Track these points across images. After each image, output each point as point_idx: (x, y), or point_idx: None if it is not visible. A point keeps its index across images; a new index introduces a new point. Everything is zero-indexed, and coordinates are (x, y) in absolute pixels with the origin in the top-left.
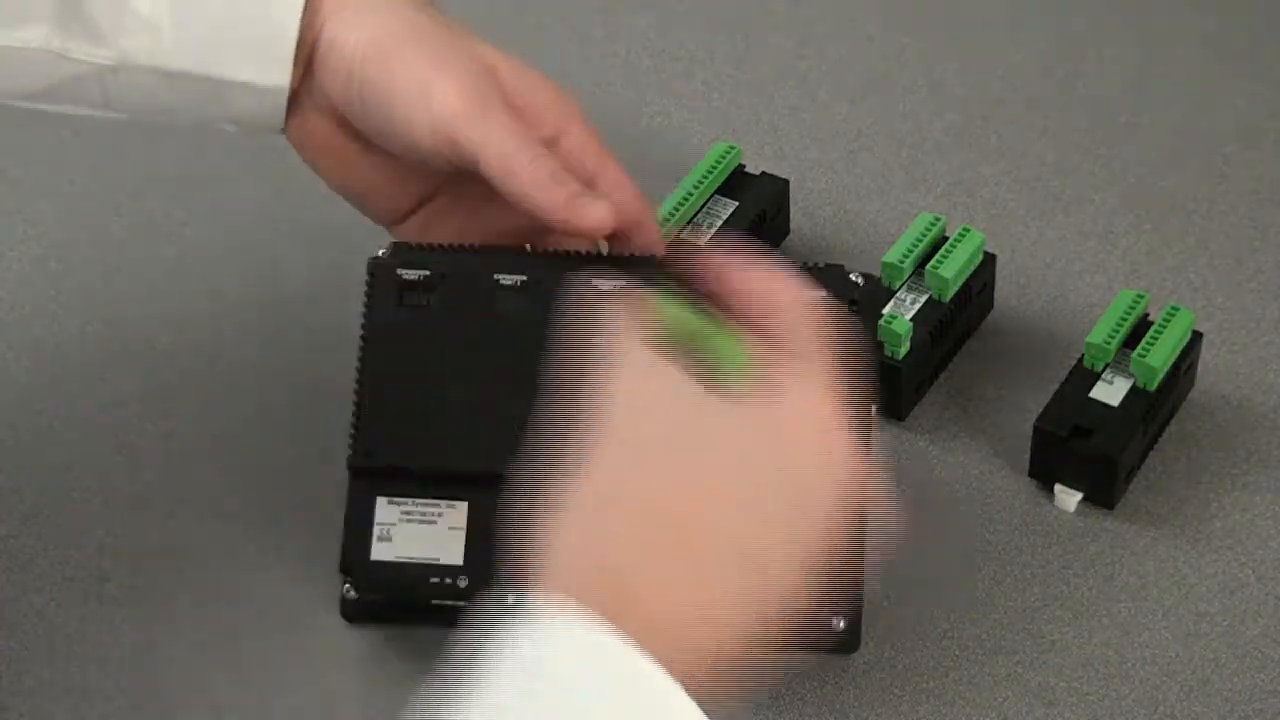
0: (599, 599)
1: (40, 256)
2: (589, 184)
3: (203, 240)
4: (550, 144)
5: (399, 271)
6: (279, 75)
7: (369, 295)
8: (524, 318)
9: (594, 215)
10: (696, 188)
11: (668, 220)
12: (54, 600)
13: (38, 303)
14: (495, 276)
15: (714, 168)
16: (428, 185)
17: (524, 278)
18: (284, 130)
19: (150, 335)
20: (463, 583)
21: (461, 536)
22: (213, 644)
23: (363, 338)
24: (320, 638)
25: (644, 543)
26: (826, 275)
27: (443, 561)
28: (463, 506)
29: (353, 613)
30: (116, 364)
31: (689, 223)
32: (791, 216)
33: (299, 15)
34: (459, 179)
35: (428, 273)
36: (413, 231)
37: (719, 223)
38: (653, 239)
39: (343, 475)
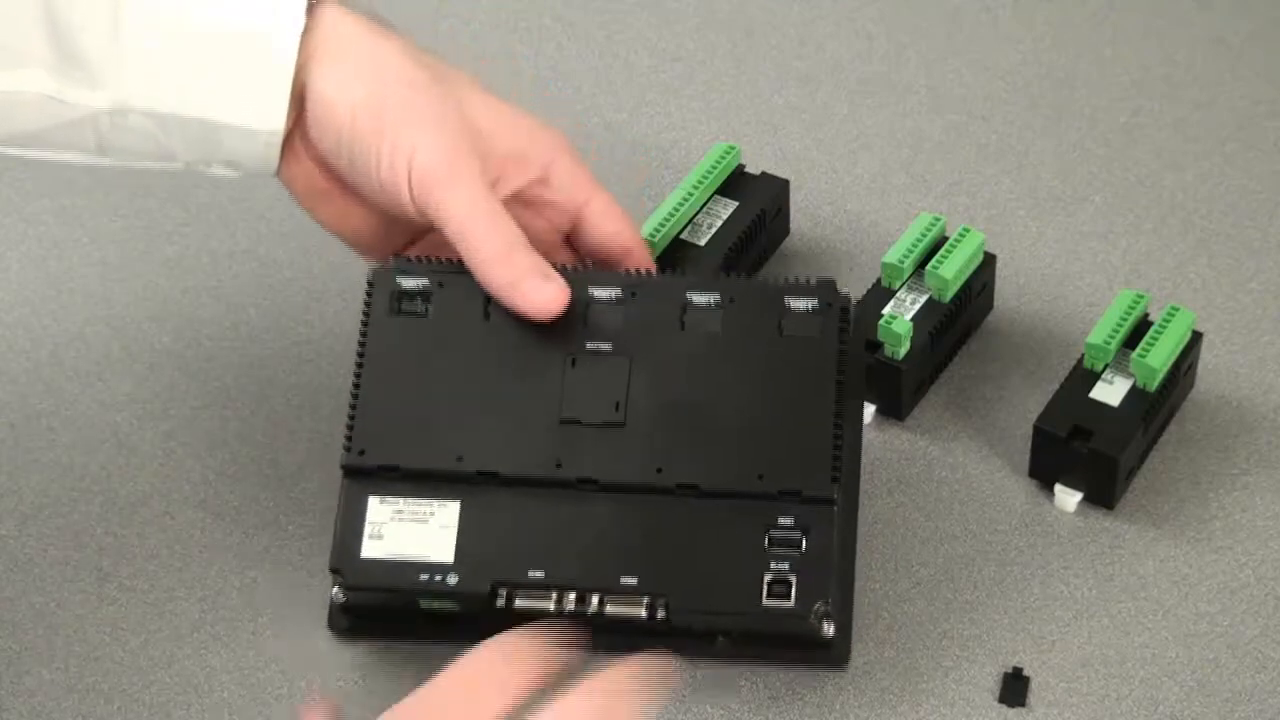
0: None
1: (40, 256)
2: (578, 215)
3: (203, 240)
4: (539, 183)
5: (398, 280)
6: (274, 119)
7: (368, 303)
8: (518, 324)
9: (536, 300)
10: (696, 188)
11: (668, 220)
12: (54, 600)
13: (38, 303)
14: None
15: (714, 168)
16: (417, 229)
17: None
18: (277, 173)
19: (150, 335)
20: (452, 579)
21: (452, 535)
22: (212, 644)
23: (360, 343)
24: (320, 638)
25: None
26: (818, 290)
27: (433, 559)
28: (454, 505)
29: (340, 623)
30: (116, 364)
31: (689, 223)
32: (791, 216)
33: (293, 60)
34: None
35: (426, 282)
36: None
37: (719, 223)
38: (642, 263)
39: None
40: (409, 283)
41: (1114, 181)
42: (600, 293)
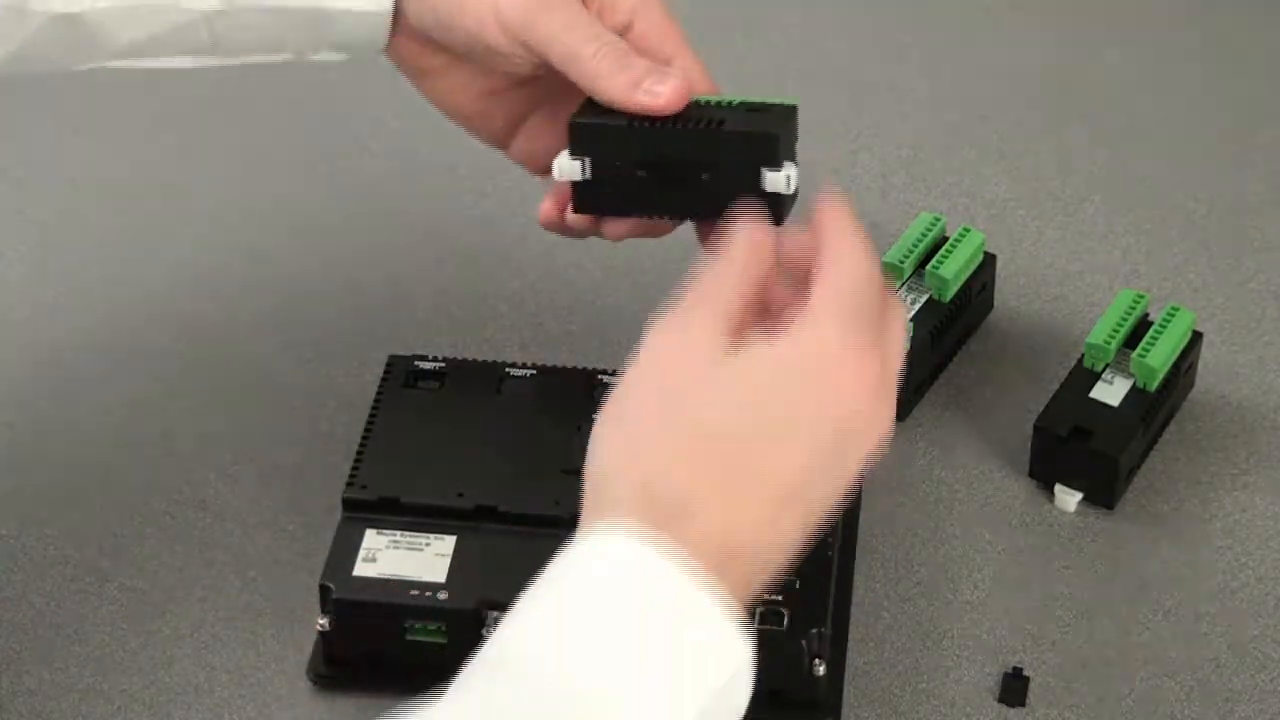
0: (652, 517)
1: (40, 256)
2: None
3: (203, 240)
4: (623, 30)
5: (415, 363)
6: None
7: (383, 381)
8: (528, 395)
9: (662, 96)
10: None
11: None
12: (54, 600)
13: (38, 303)
14: (506, 369)
15: None
16: (519, 102)
17: (533, 371)
18: (385, 50)
19: (150, 335)
20: (443, 596)
21: (446, 561)
22: (213, 644)
23: (373, 408)
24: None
25: (693, 471)
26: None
27: (425, 579)
28: (450, 539)
29: (321, 668)
30: (116, 364)
31: None
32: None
33: None
34: (548, 93)
35: (441, 365)
36: (520, 153)
37: None
38: None
39: (343, 473)
40: (425, 365)
41: (1114, 181)
42: (610, 379)
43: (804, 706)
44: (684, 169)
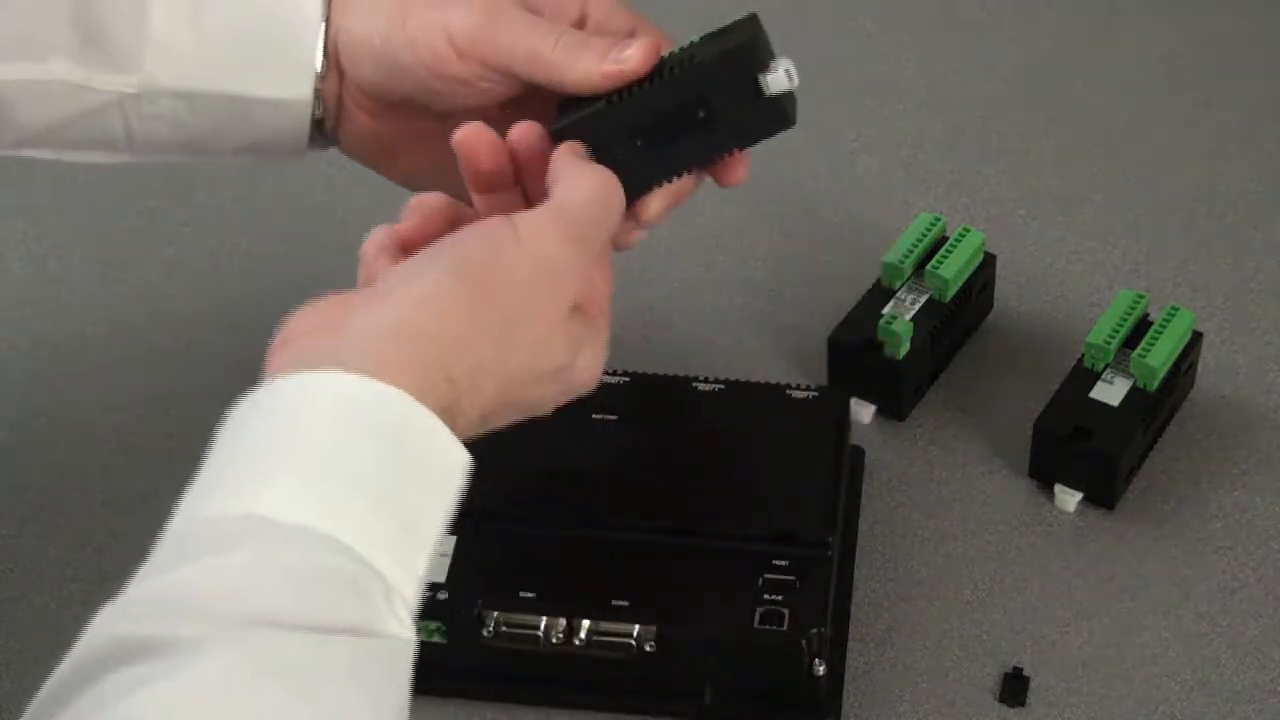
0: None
1: (40, 256)
2: None
3: (203, 240)
4: (579, 24)
5: None
6: (303, 88)
7: None
8: None
9: (632, 59)
10: None
11: None
12: (54, 600)
13: (38, 303)
14: None
15: None
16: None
17: None
18: (336, 143)
19: (150, 335)
20: (443, 596)
21: (446, 561)
22: None
23: None
24: None
25: (485, 400)
26: (819, 390)
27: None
28: (451, 540)
29: None
30: (116, 364)
31: None
32: (791, 217)
33: (319, 25)
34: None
35: None
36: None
37: None
38: None
39: None
40: None
41: (1114, 181)
42: (608, 379)
43: (804, 706)
44: (678, 118)
